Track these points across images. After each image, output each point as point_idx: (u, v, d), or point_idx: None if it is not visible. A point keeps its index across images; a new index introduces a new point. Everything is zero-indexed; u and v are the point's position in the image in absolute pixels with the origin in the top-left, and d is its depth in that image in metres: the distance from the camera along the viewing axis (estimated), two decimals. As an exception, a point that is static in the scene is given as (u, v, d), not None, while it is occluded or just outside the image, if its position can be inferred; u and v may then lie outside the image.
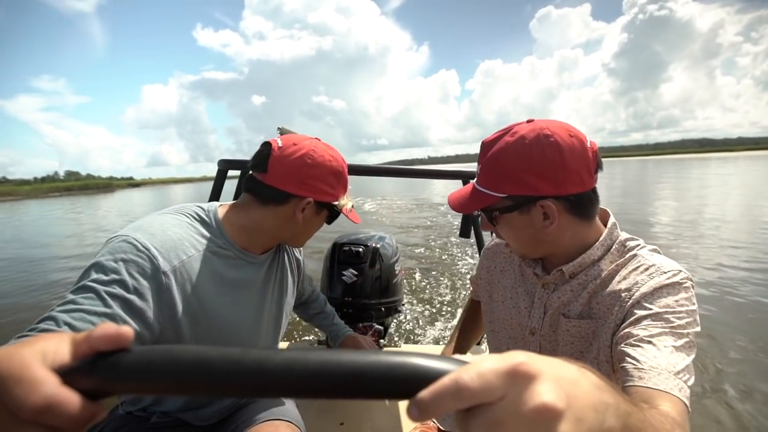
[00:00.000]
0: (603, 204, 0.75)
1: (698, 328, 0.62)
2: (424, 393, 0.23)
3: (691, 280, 0.67)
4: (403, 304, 1.99)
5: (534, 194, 0.68)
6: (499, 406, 0.22)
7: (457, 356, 0.26)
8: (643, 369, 0.55)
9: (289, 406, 0.97)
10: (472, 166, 1.02)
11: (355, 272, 1.51)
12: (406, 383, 0.24)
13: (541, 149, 0.66)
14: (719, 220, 8.14)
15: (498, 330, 0.89)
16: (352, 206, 0.93)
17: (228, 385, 0.25)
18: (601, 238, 0.72)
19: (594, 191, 0.70)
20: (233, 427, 0.90)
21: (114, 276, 0.64)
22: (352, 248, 1.53)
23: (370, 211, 13.50)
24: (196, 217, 0.80)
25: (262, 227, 0.84)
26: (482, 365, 0.23)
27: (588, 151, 0.67)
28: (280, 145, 0.82)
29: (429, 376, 0.24)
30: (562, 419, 0.23)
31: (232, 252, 0.82)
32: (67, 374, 0.26)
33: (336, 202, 0.87)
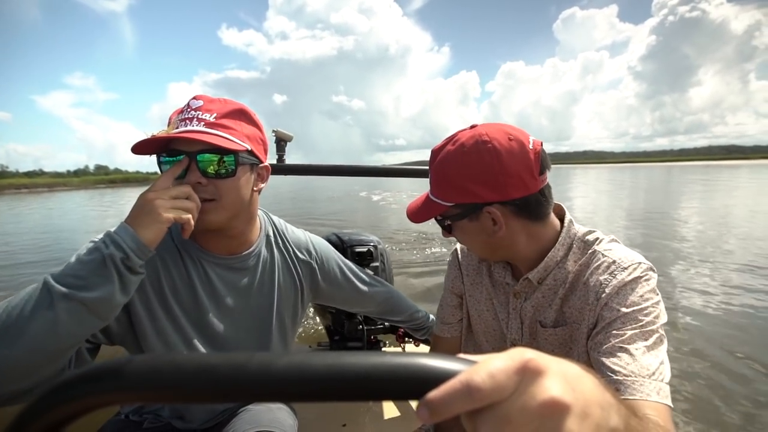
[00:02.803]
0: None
1: (665, 318, 0.64)
2: (434, 394, 0.23)
3: (653, 269, 0.68)
4: None
5: (479, 201, 0.69)
6: (508, 402, 0.23)
7: (465, 356, 0.26)
8: (619, 381, 0.56)
9: (282, 414, 0.94)
10: None
11: (371, 272, 1.41)
12: (415, 384, 0.24)
13: (479, 156, 0.66)
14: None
15: (481, 343, 0.88)
16: (166, 131, 0.73)
17: (234, 391, 0.25)
18: (560, 238, 0.73)
19: (542, 192, 0.70)
20: None
21: (96, 254, 0.64)
22: (363, 248, 1.47)
23: (377, 201, 16.09)
24: None
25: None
26: (492, 365, 0.23)
27: (529, 153, 0.67)
28: None
29: (438, 377, 0.23)
30: (569, 413, 0.23)
31: (193, 253, 0.81)
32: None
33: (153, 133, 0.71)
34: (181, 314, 0.80)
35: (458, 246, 0.92)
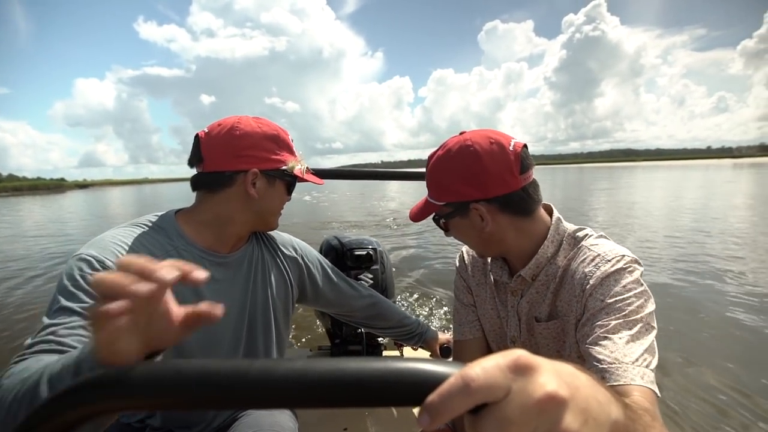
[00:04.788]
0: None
1: (652, 307, 0.65)
2: (433, 396, 0.23)
3: (637, 262, 0.70)
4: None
5: (465, 200, 0.75)
6: (506, 402, 0.23)
7: (460, 363, 0.26)
8: (603, 369, 0.58)
9: (283, 418, 0.94)
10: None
11: (370, 275, 1.48)
12: (414, 389, 0.24)
13: (462, 159, 0.73)
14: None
15: (490, 342, 0.92)
16: (307, 168, 0.90)
17: (236, 397, 0.25)
18: (549, 235, 0.77)
19: (525, 189, 0.74)
20: None
21: (81, 294, 0.65)
22: (362, 251, 1.49)
23: (309, 201, 16.68)
24: (150, 225, 0.81)
25: (221, 217, 0.83)
26: (484, 362, 0.24)
27: (509, 154, 0.72)
28: (206, 131, 0.82)
29: (436, 380, 0.24)
30: (567, 407, 0.23)
31: (193, 253, 0.81)
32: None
33: (284, 167, 0.85)
34: None
35: (464, 248, 0.96)
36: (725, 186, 19.89)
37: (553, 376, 0.24)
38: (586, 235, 0.78)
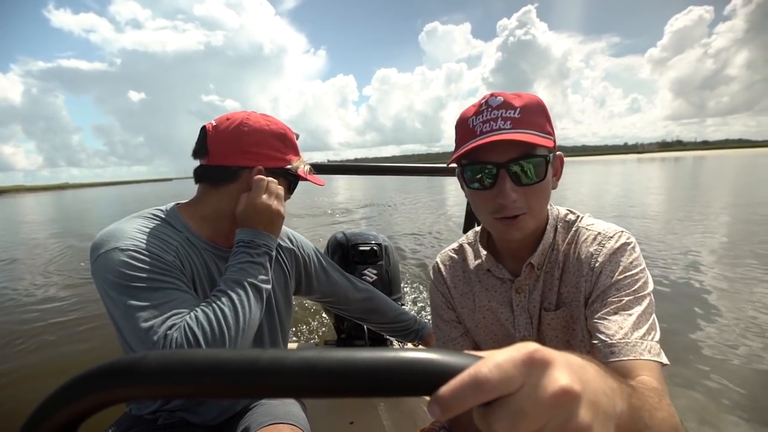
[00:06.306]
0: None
1: (652, 283, 0.67)
2: (444, 389, 0.23)
3: (633, 237, 0.70)
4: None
5: (552, 145, 0.67)
6: (520, 395, 0.22)
7: (473, 351, 0.25)
8: (612, 344, 0.59)
9: (295, 408, 0.95)
10: None
11: (374, 271, 1.47)
12: (426, 380, 0.24)
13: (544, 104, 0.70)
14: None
15: (487, 350, 0.62)
16: (310, 169, 0.91)
17: (246, 386, 0.25)
18: (549, 220, 0.76)
19: None
20: (237, 429, 0.89)
21: (150, 274, 0.70)
22: (366, 247, 1.48)
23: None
24: (156, 217, 0.82)
25: (222, 211, 0.83)
26: (498, 357, 0.23)
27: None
28: (214, 124, 0.82)
29: (448, 372, 0.23)
30: (581, 402, 0.23)
31: (200, 245, 0.83)
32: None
33: (289, 166, 0.86)
34: None
35: (438, 259, 0.91)
36: (613, 177, 24.22)
37: (566, 369, 0.24)
38: (579, 216, 0.78)
